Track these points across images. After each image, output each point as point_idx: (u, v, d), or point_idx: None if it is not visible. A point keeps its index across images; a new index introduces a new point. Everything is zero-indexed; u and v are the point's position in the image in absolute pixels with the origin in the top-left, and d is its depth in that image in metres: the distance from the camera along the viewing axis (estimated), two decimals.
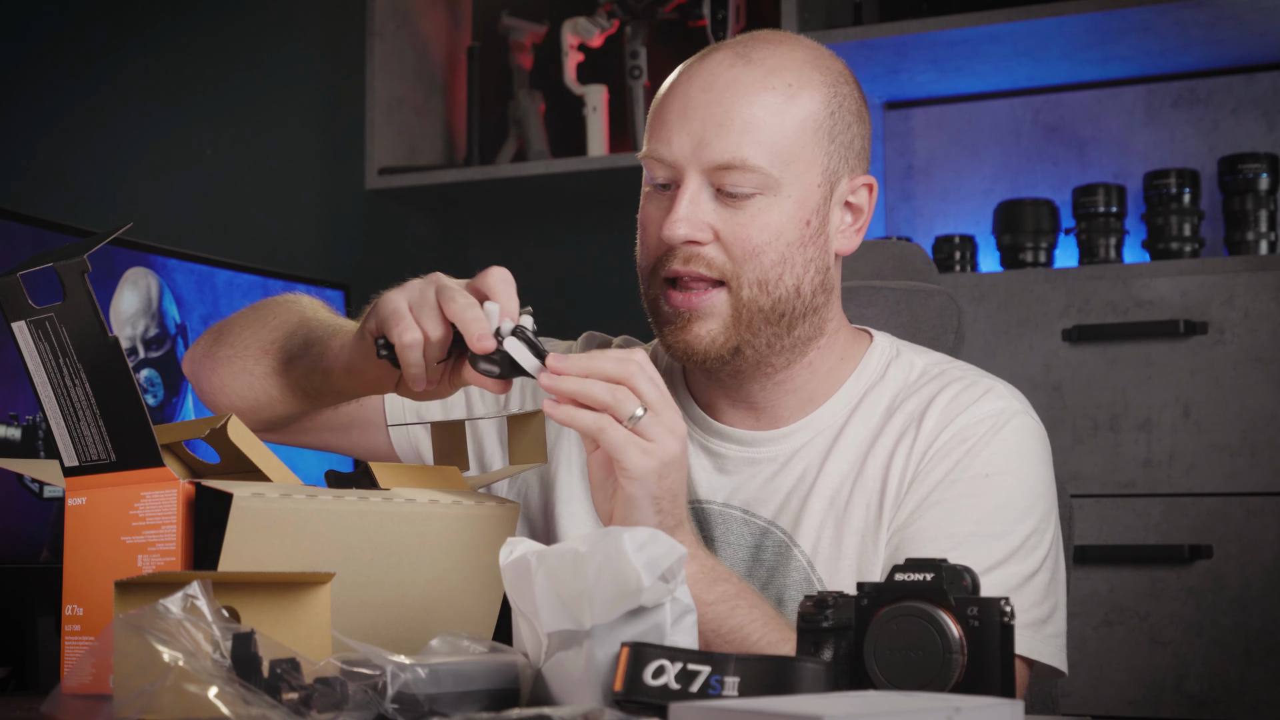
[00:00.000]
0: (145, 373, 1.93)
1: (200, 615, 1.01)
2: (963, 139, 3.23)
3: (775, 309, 1.46)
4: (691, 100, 1.45)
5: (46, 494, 1.77)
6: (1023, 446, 1.49)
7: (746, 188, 1.43)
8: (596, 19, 3.31)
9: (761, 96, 1.44)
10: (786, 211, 1.44)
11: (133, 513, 1.20)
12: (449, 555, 1.31)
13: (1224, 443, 2.61)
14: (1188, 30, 2.83)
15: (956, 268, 3.01)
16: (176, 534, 1.18)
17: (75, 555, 1.24)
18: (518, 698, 1.11)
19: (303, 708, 0.98)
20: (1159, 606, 2.62)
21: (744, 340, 1.46)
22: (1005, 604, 1.09)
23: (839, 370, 1.54)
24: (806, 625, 1.13)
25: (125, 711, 0.97)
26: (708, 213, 1.44)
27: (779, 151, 1.43)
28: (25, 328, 1.21)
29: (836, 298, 1.53)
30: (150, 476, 1.20)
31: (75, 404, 1.21)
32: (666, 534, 1.13)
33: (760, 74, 1.45)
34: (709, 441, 1.54)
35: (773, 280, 1.45)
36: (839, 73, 1.50)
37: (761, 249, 1.44)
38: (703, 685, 1.04)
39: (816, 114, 1.46)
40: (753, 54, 1.47)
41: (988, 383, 1.52)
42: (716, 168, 1.43)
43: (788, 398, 1.52)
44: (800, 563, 1.49)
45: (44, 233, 1.80)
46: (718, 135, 1.43)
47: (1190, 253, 2.82)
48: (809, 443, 1.52)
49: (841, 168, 1.48)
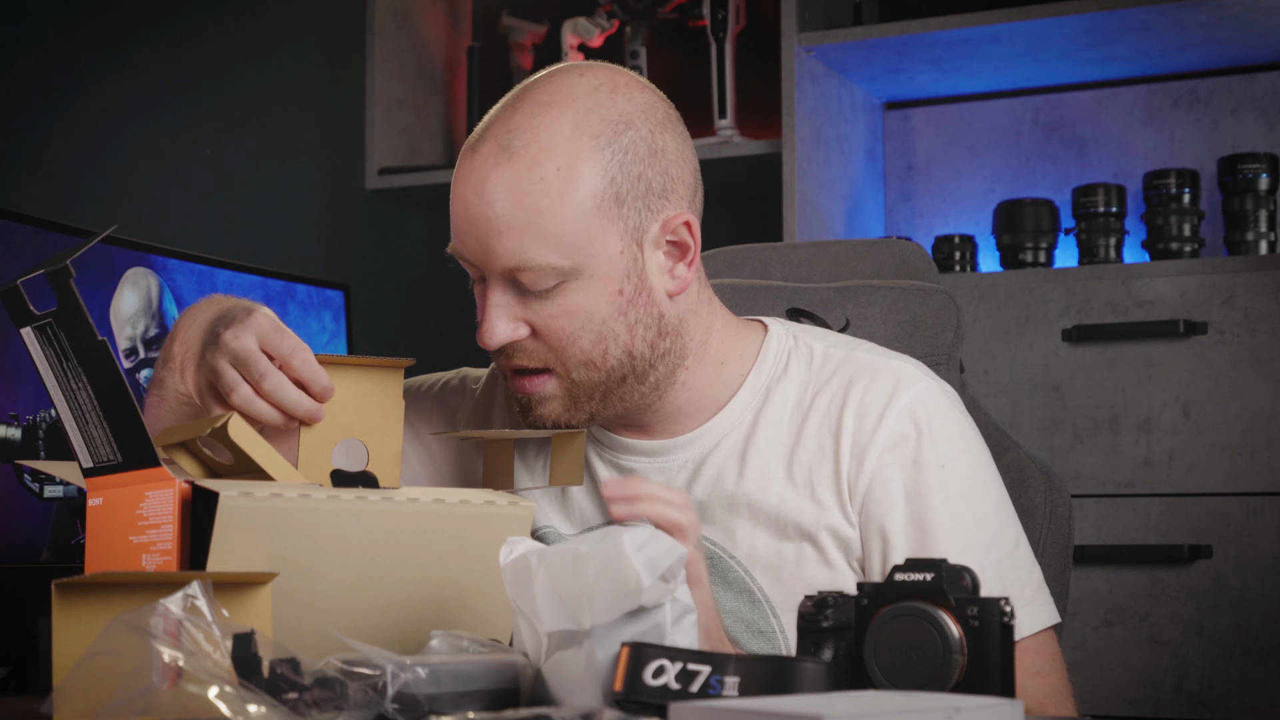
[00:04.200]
0: (145, 373, 1.93)
1: (200, 615, 1.01)
2: (963, 139, 3.23)
3: (611, 378, 1.44)
4: (470, 207, 1.41)
5: (46, 494, 1.77)
6: (953, 423, 1.49)
7: (546, 282, 1.39)
8: (596, 19, 3.31)
9: (530, 191, 1.38)
10: (593, 292, 1.41)
11: (138, 512, 1.21)
12: (458, 555, 1.30)
13: (1224, 443, 2.61)
14: (1188, 30, 2.83)
15: (956, 268, 3.01)
16: (173, 533, 1.18)
17: (94, 555, 1.25)
18: (518, 698, 1.12)
19: (303, 707, 0.98)
20: (1159, 606, 2.62)
21: (594, 409, 1.45)
22: (1005, 604, 1.09)
23: (726, 374, 1.52)
24: (806, 625, 1.13)
25: (125, 712, 0.97)
26: (515, 312, 1.41)
27: (564, 241, 1.38)
28: (32, 333, 1.23)
29: (691, 323, 1.48)
30: (151, 476, 1.20)
31: (82, 406, 1.22)
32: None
33: (524, 166, 1.39)
34: (619, 458, 1.53)
35: (598, 358, 1.42)
36: (619, 118, 1.41)
37: (575, 335, 1.41)
38: (703, 685, 1.04)
39: (594, 187, 1.39)
40: (514, 142, 1.40)
41: (895, 366, 1.50)
42: (508, 270, 1.39)
43: (675, 413, 1.51)
44: (739, 574, 1.48)
45: (44, 233, 1.80)
46: (499, 242, 1.39)
47: (1190, 253, 2.82)
48: (718, 445, 1.51)
49: (645, 220, 1.42)
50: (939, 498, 1.46)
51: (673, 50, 3.34)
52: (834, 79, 3.06)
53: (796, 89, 2.92)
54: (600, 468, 1.54)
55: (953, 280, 2.82)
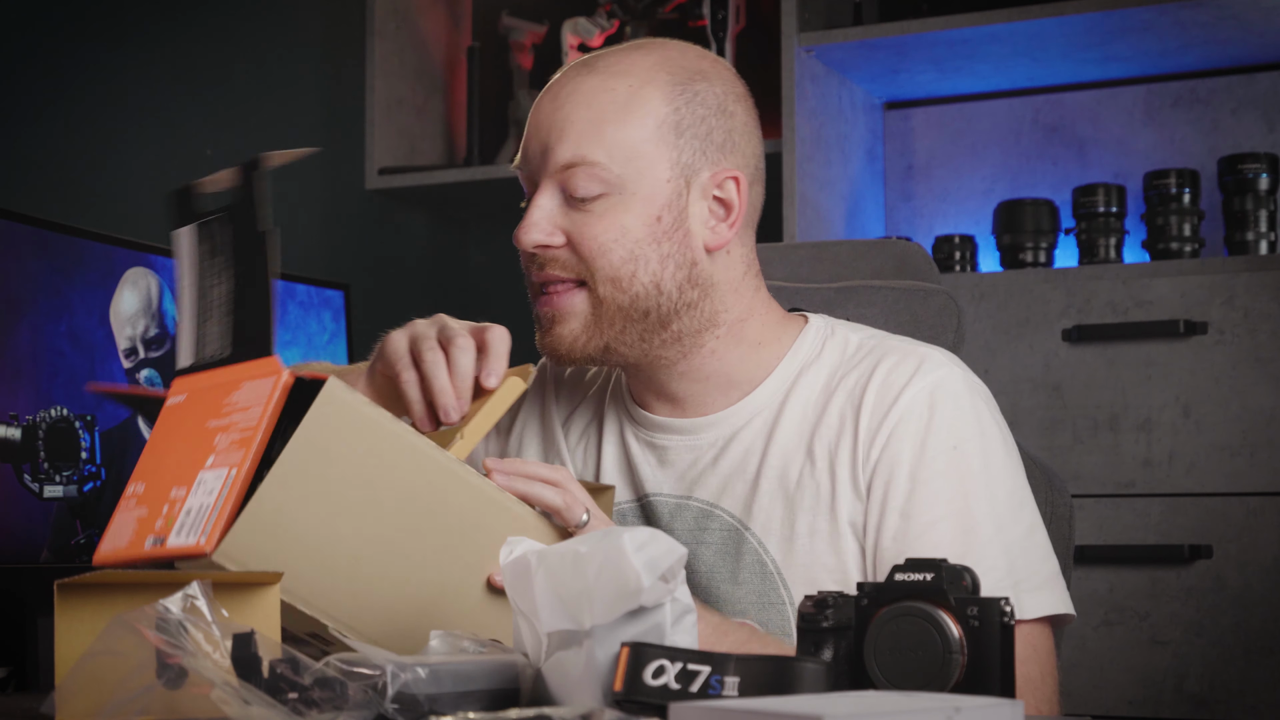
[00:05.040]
0: (146, 373, 1.93)
1: (200, 615, 1.01)
2: (963, 139, 3.23)
3: (635, 305, 1.48)
4: (541, 113, 1.50)
5: (46, 494, 1.78)
6: (974, 409, 1.50)
7: (592, 188, 1.46)
8: (596, 19, 3.32)
9: (601, 98, 1.47)
10: (633, 210, 1.46)
11: (227, 401, 1.24)
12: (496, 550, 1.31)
13: (1224, 443, 2.61)
14: (1188, 30, 2.83)
15: (956, 268, 3.01)
16: (262, 415, 1.20)
17: (155, 444, 1.27)
18: (518, 698, 1.12)
19: (303, 708, 0.98)
20: (1159, 606, 2.62)
21: (611, 339, 1.49)
22: (1005, 604, 1.09)
23: (760, 355, 1.55)
24: (806, 625, 1.13)
25: (125, 712, 0.97)
26: (557, 217, 1.48)
27: (619, 148, 1.46)
28: (189, 232, 1.30)
29: (728, 291, 1.52)
30: (257, 367, 1.23)
31: (211, 302, 1.26)
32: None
33: (601, 79, 1.48)
34: (651, 436, 1.57)
35: (625, 277, 1.47)
36: (698, 72, 1.50)
37: (608, 247, 1.46)
38: (703, 685, 1.04)
39: (659, 111, 1.47)
40: (599, 63, 1.50)
41: (922, 351, 1.53)
42: (561, 169, 1.46)
43: (702, 385, 1.54)
44: (752, 545, 1.51)
45: (44, 233, 1.81)
46: (559, 140, 1.47)
47: (1190, 253, 2.82)
48: (747, 425, 1.54)
49: (699, 161, 1.48)
50: (947, 477, 1.47)
51: None
52: (834, 79, 3.06)
53: (796, 89, 2.92)
54: (634, 445, 1.58)
55: (953, 280, 2.82)
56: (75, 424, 1.82)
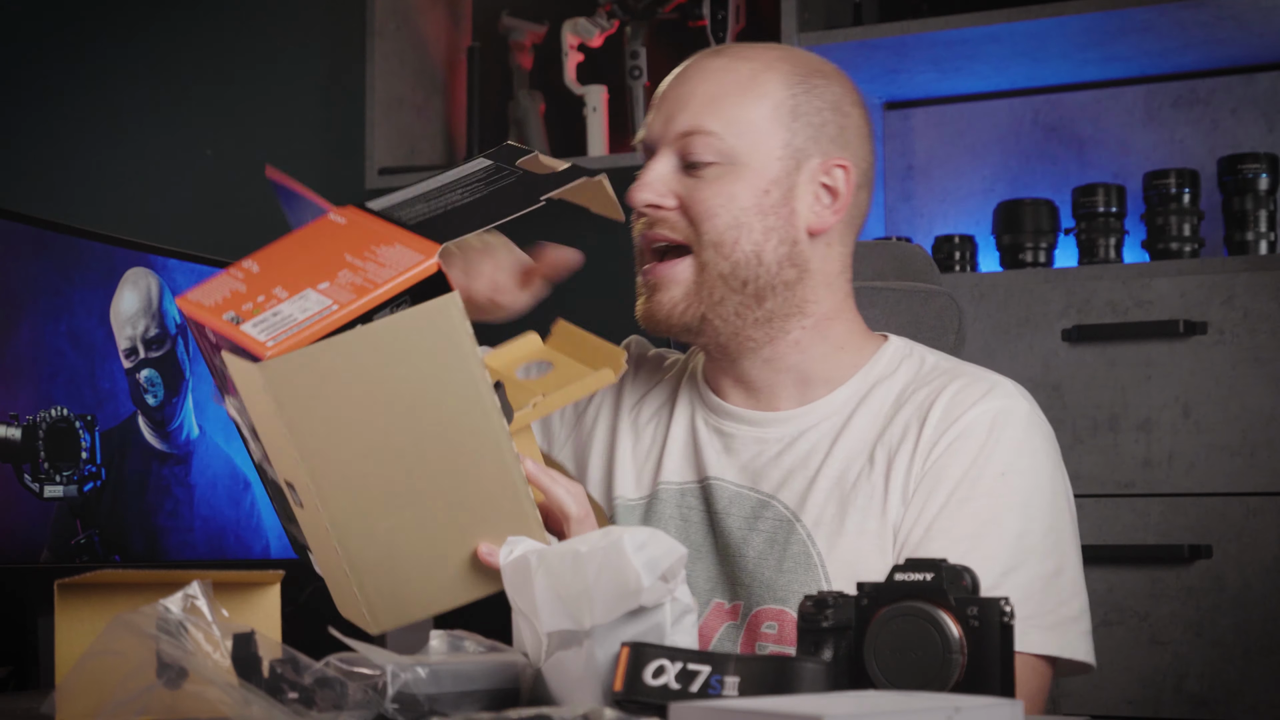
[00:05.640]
0: (145, 373, 1.93)
1: (200, 615, 1.01)
2: (963, 139, 3.23)
3: (735, 274, 1.52)
4: (669, 89, 1.57)
5: (46, 494, 1.78)
6: (1034, 443, 1.52)
7: (706, 155, 1.52)
8: (596, 19, 3.31)
9: (723, 77, 1.54)
10: (743, 180, 1.52)
11: (373, 249, 1.28)
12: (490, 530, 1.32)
13: (1224, 443, 2.61)
14: (1188, 30, 2.83)
15: (956, 268, 3.01)
16: (392, 278, 1.24)
17: (294, 241, 1.33)
18: (518, 698, 1.12)
19: (302, 708, 0.98)
20: (1159, 606, 2.62)
21: (709, 308, 1.53)
22: (1005, 604, 1.09)
23: (840, 360, 1.58)
24: (806, 625, 1.13)
25: (125, 712, 0.97)
26: (672, 181, 1.54)
27: (735, 121, 1.52)
28: (485, 159, 1.44)
29: (821, 283, 1.56)
30: (419, 243, 1.28)
31: (438, 196, 1.37)
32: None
33: (726, 61, 1.56)
34: (720, 423, 1.61)
35: (728, 243, 1.52)
36: (819, 70, 1.57)
37: (715, 211, 1.52)
38: (703, 685, 1.04)
39: (776, 95, 1.53)
40: (726, 49, 1.58)
41: (995, 379, 1.56)
42: (678, 136, 1.53)
43: (780, 377, 1.58)
44: (801, 536, 1.53)
45: (44, 233, 1.81)
46: (681, 110, 1.54)
47: (1190, 253, 2.82)
48: (815, 426, 1.57)
49: (810, 147, 1.54)
50: (986, 500, 1.48)
51: (673, 50, 3.34)
52: None
53: None
54: (702, 429, 1.61)
55: (953, 280, 2.82)
56: (75, 424, 1.82)
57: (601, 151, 3.26)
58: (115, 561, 1.85)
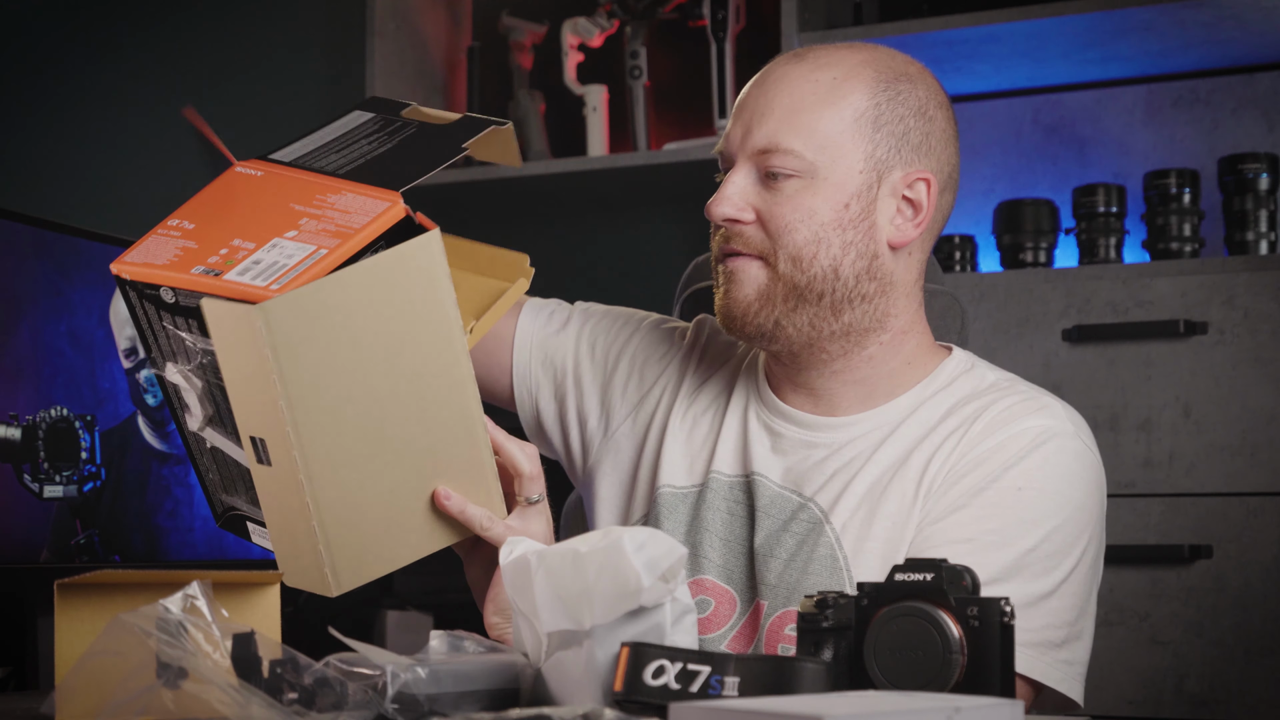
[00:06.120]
0: (145, 373, 1.93)
1: (200, 615, 1.01)
2: (963, 139, 3.20)
3: (811, 287, 1.51)
4: (749, 97, 1.55)
5: (46, 494, 1.77)
6: (1064, 468, 1.49)
7: (786, 170, 1.50)
8: (596, 19, 3.31)
9: (803, 87, 1.51)
10: (822, 194, 1.50)
11: (322, 198, 1.30)
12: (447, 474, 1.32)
13: (1224, 443, 2.61)
14: (1188, 30, 2.83)
15: (957, 268, 3.01)
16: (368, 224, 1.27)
17: (211, 197, 1.35)
18: (518, 698, 1.12)
19: (302, 708, 0.98)
20: (1159, 606, 2.62)
21: (783, 315, 1.52)
22: (1005, 604, 1.09)
23: (906, 374, 1.57)
24: (806, 625, 1.13)
25: (125, 712, 0.97)
26: (750, 194, 1.52)
27: (816, 136, 1.50)
28: (363, 111, 1.46)
29: (902, 294, 1.55)
30: (372, 191, 1.30)
31: (349, 145, 1.38)
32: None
33: (808, 69, 1.53)
34: (772, 421, 1.59)
35: (806, 258, 1.50)
36: (903, 73, 1.55)
37: (794, 226, 1.50)
38: (703, 685, 1.04)
39: (859, 104, 1.51)
40: (809, 54, 1.55)
41: (1048, 400, 1.54)
42: (758, 152, 1.51)
43: (847, 388, 1.57)
44: (829, 538, 1.52)
45: (44, 233, 1.81)
46: (760, 123, 1.51)
47: (1190, 253, 2.82)
48: (864, 435, 1.55)
49: (892, 159, 1.52)
50: (995, 509, 1.46)
51: (673, 50, 3.34)
52: None
53: None
54: (754, 424, 1.60)
55: (953, 280, 2.82)
56: (75, 424, 1.82)
57: (601, 151, 3.26)
58: (115, 561, 1.85)
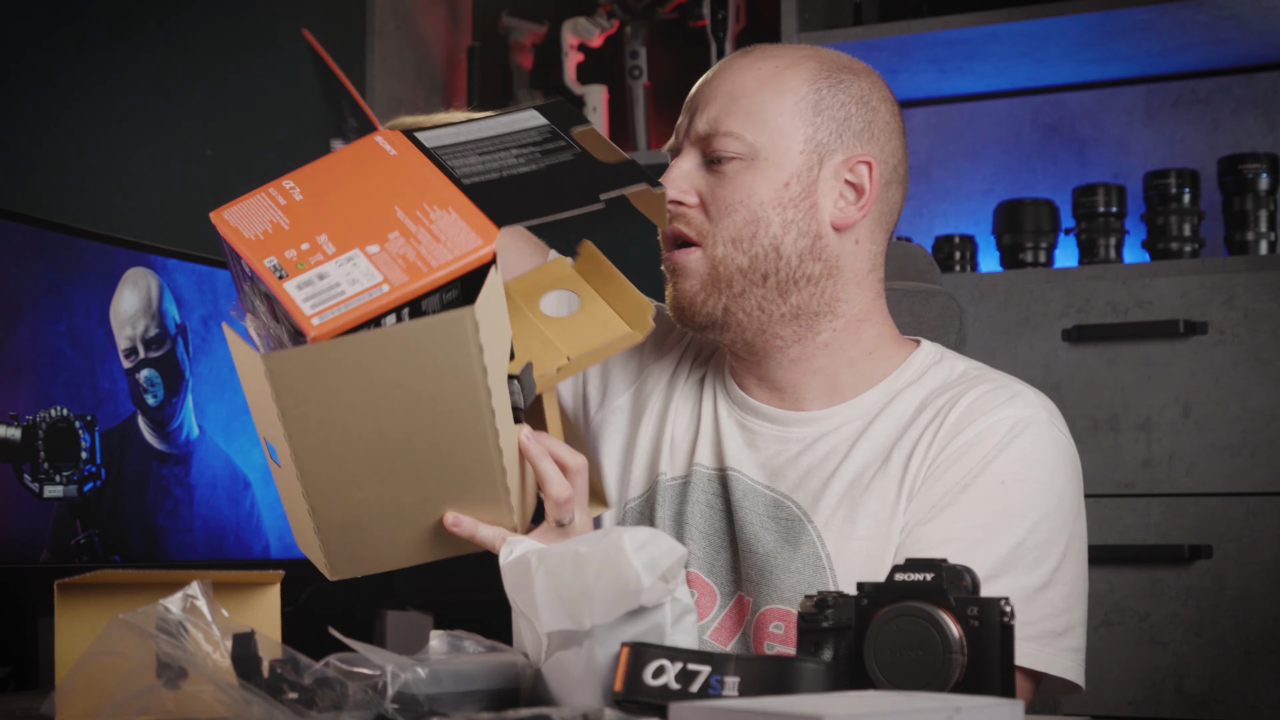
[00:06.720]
0: (145, 373, 1.93)
1: (200, 615, 1.01)
2: (963, 139, 3.23)
3: (754, 267, 1.52)
4: (696, 91, 1.59)
5: (46, 494, 1.77)
6: (1043, 456, 1.50)
7: (728, 153, 1.52)
8: (596, 19, 3.31)
9: (746, 75, 1.55)
10: (763, 174, 1.52)
11: (426, 208, 1.25)
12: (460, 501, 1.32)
13: (1224, 443, 2.61)
14: (1188, 30, 2.83)
15: (956, 268, 3.01)
16: (447, 264, 1.23)
17: (338, 163, 1.30)
18: (518, 698, 1.12)
19: (302, 708, 0.98)
20: (1159, 606, 2.62)
21: (730, 299, 1.53)
22: (1005, 604, 1.09)
23: (869, 365, 1.57)
24: (806, 625, 1.13)
25: (125, 712, 0.97)
26: (695, 178, 1.54)
27: (756, 118, 1.52)
28: (537, 114, 1.42)
29: (852, 281, 1.55)
30: (476, 217, 1.25)
31: (495, 153, 1.35)
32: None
33: (752, 60, 1.56)
34: (744, 418, 1.60)
35: (746, 238, 1.52)
36: (846, 67, 1.57)
37: (734, 207, 1.52)
38: (703, 685, 1.04)
39: (799, 90, 1.54)
40: (756, 49, 1.58)
41: (1019, 388, 1.54)
42: (700, 137, 1.54)
43: (808, 379, 1.57)
44: (811, 537, 1.52)
45: (44, 233, 1.81)
46: (703, 110, 1.55)
47: (1190, 253, 2.82)
48: (837, 429, 1.56)
49: (834, 142, 1.54)
50: (983, 505, 1.46)
51: (673, 50, 3.34)
52: None
53: None
54: (725, 420, 1.61)
55: (953, 280, 2.82)
56: (75, 424, 1.82)
57: None
58: (115, 561, 1.85)
